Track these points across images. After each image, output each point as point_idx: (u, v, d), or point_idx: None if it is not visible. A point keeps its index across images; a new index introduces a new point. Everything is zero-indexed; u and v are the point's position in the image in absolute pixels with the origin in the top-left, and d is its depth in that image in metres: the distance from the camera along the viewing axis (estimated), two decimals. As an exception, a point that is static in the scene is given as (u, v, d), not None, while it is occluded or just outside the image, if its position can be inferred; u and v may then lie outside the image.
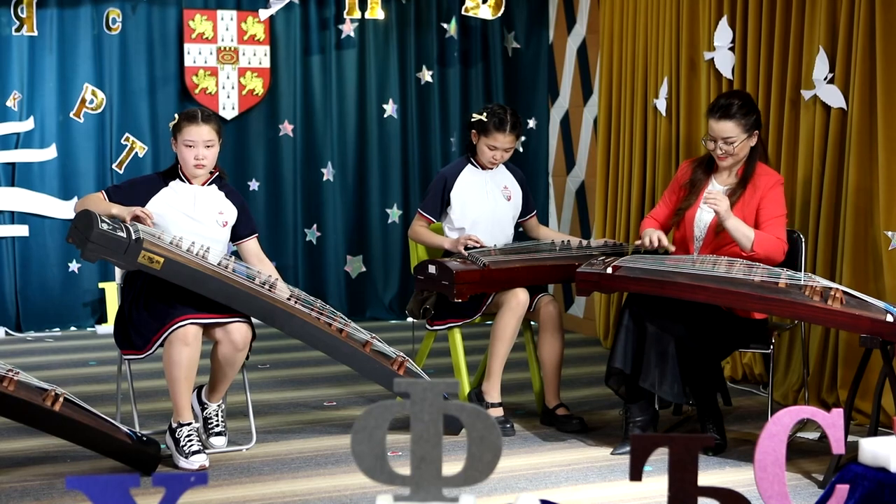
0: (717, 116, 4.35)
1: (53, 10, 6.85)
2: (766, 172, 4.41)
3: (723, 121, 4.34)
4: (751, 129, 4.36)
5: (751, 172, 4.39)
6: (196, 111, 4.32)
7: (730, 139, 4.34)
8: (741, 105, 4.36)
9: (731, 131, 4.33)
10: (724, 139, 4.34)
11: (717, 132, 4.36)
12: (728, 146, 4.34)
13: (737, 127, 4.33)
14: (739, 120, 4.33)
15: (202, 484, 1.81)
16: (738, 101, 4.37)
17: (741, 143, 4.34)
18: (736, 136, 4.33)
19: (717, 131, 4.36)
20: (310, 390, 5.45)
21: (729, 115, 4.33)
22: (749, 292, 3.91)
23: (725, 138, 4.34)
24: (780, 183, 4.41)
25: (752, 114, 4.37)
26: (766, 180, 4.36)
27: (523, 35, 7.59)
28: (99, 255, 3.97)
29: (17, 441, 4.46)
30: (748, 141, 4.37)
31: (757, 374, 5.44)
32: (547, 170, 7.49)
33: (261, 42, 7.24)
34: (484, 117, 4.78)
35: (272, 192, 7.39)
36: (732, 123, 4.33)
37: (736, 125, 4.33)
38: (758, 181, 4.37)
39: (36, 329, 6.96)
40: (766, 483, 2.24)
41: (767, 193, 4.34)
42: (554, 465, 4.20)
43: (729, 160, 4.39)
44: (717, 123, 4.35)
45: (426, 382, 1.77)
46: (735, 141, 4.33)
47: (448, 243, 4.75)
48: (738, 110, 4.33)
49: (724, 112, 4.34)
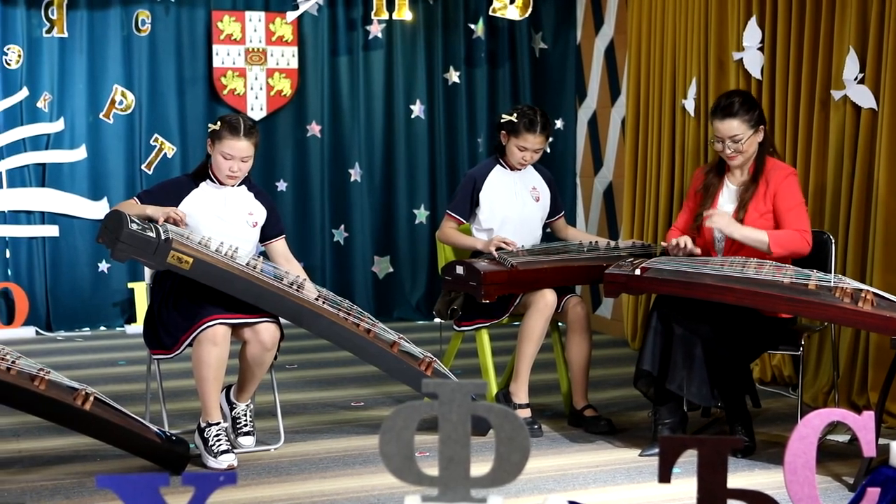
0: (721, 116, 4.35)
1: (83, 11, 6.90)
2: (776, 166, 4.39)
3: (727, 120, 4.34)
4: (755, 124, 4.35)
5: (761, 168, 4.38)
6: (239, 122, 4.29)
7: (736, 137, 4.33)
8: (742, 102, 4.36)
9: (737, 129, 4.33)
10: (731, 138, 4.34)
11: (722, 132, 4.36)
12: (736, 144, 4.34)
13: (742, 124, 4.33)
14: (743, 116, 4.32)
15: (231, 483, 1.82)
16: (738, 99, 4.37)
17: (748, 139, 4.34)
18: (742, 133, 4.33)
19: (722, 131, 4.36)
20: (337, 390, 5.46)
21: (732, 113, 4.33)
22: (778, 294, 3.88)
23: (732, 137, 4.34)
24: (792, 174, 4.39)
25: (755, 109, 4.37)
26: (777, 174, 4.35)
27: (551, 35, 7.58)
28: (129, 255, 4.00)
29: (48, 440, 4.50)
30: (755, 136, 4.36)
31: (786, 375, 5.41)
32: (574, 170, 7.48)
33: (289, 43, 7.26)
34: (514, 118, 4.77)
35: (300, 192, 7.42)
36: (737, 121, 4.32)
37: (741, 122, 4.32)
38: (769, 176, 4.35)
39: (66, 329, 7.02)
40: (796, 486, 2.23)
41: (781, 186, 4.32)
42: (582, 466, 4.19)
43: (739, 158, 4.38)
44: (721, 123, 4.35)
45: (454, 383, 1.77)
46: (742, 138, 4.33)
47: (480, 244, 4.74)
48: (739, 107, 4.33)
49: (727, 111, 4.34)
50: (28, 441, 4.50)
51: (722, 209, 4.41)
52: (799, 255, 4.24)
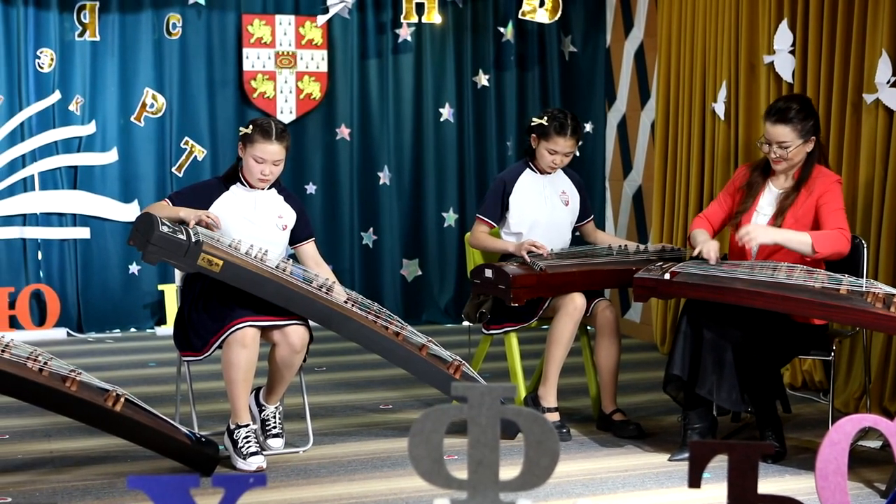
0: (774, 120, 4.30)
1: (115, 15, 6.95)
2: (823, 174, 4.33)
3: (779, 125, 4.28)
4: (807, 134, 4.29)
5: (806, 176, 4.32)
6: (271, 126, 4.31)
7: (784, 143, 4.28)
8: (799, 110, 4.29)
9: (786, 136, 4.27)
10: (779, 143, 4.29)
11: (772, 136, 4.30)
12: (782, 150, 4.29)
13: (792, 132, 4.27)
14: (796, 125, 4.26)
15: (261, 485, 1.83)
16: (796, 106, 4.30)
17: (795, 148, 4.28)
18: (791, 141, 4.27)
19: (772, 135, 4.30)
20: (366, 393, 5.47)
21: (785, 119, 4.27)
22: (809, 299, 3.86)
23: (780, 142, 4.29)
24: (837, 182, 4.33)
25: (810, 119, 4.29)
26: (823, 181, 4.29)
27: (580, 39, 7.56)
28: (159, 258, 4.02)
29: (79, 440, 4.53)
30: (804, 146, 4.30)
31: (817, 381, 5.38)
32: (604, 174, 7.46)
33: (318, 46, 7.29)
34: (544, 121, 4.76)
35: (329, 195, 7.44)
36: (788, 128, 4.27)
37: (791, 130, 4.27)
38: (814, 184, 4.30)
39: (97, 330, 7.06)
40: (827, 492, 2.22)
41: (825, 193, 4.27)
42: (611, 470, 4.18)
43: (783, 164, 4.33)
44: (772, 127, 4.30)
45: (484, 386, 1.77)
46: (789, 146, 4.27)
47: (511, 247, 4.74)
48: (795, 115, 4.27)
49: (781, 116, 4.28)
50: (59, 442, 4.54)
51: (760, 213, 4.37)
52: (840, 255, 4.19)
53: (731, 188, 4.59)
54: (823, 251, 4.14)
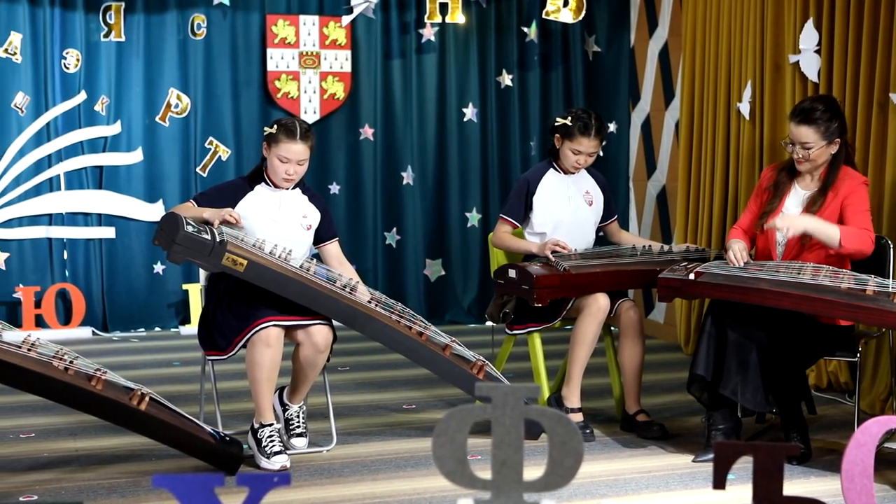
0: (798, 121, 4.25)
1: (140, 15, 6.99)
2: (849, 175, 4.29)
3: (802, 126, 4.23)
4: (831, 136, 4.23)
5: (832, 179, 4.27)
6: (295, 125, 4.32)
7: (807, 144, 4.23)
8: (824, 111, 4.23)
9: (810, 137, 4.23)
10: (802, 144, 4.25)
11: (795, 136, 4.26)
12: (805, 151, 4.25)
13: (815, 133, 4.22)
14: (819, 126, 4.21)
15: (285, 484, 1.83)
16: (821, 107, 4.25)
17: (819, 149, 4.24)
18: (814, 142, 4.23)
19: (795, 136, 4.26)
20: (389, 393, 5.48)
21: (809, 120, 4.22)
22: (835, 300, 3.83)
23: (803, 143, 4.25)
24: (864, 184, 4.30)
25: (835, 121, 4.24)
26: (849, 183, 4.25)
27: (604, 38, 7.55)
28: (184, 257, 4.03)
29: (104, 439, 4.55)
30: (828, 148, 4.25)
31: (842, 382, 5.34)
32: (627, 174, 7.44)
33: (342, 47, 7.30)
34: (568, 121, 4.75)
35: (352, 195, 7.45)
36: (812, 130, 4.22)
37: (815, 131, 4.22)
38: (840, 186, 4.25)
39: (122, 329, 7.10)
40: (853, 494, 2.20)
41: (851, 194, 4.23)
42: (634, 471, 4.17)
43: (806, 165, 4.30)
44: (796, 128, 4.26)
45: (508, 387, 1.77)
46: (812, 147, 4.23)
47: (535, 247, 4.73)
48: (819, 116, 4.22)
49: (805, 117, 4.23)
50: (85, 440, 4.56)
51: (788, 212, 4.35)
52: (863, 255, 4.17)
53: (757, 191, 4.57)
54: (849, 246, 4.11)
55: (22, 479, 4.05)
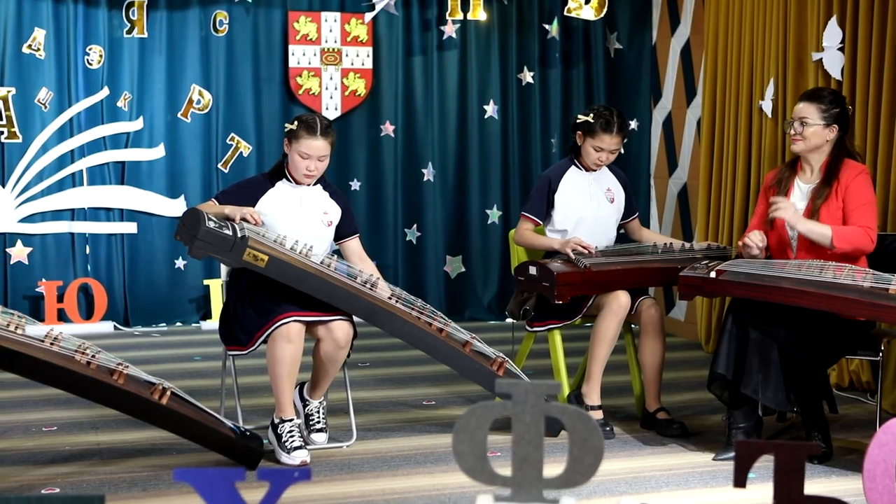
0: (803, 97, 4.41)
1: (163, 12, 7.01)
2: (848, 165, 4.32)
3: (804, 102, 4.37)
4: (830, 119, 4.32)
5: (835, 170, 4.31)
6: (315, 122, 4.34)
7: (805, 119, 4.31)
8: (831, 94, 4.40)
9: (809, 112, 4.32)
10: (801, 119, 4.32)
11: (796, 112, 4.38)
12: (801, 127, 4.30)
13: (816, 111, 4.32)
14: (821, 105, 4.32)
15: (305, 479, 1.84)
16: (828, 93, 4.41)
17: (814, 128, 4.31)
18: (811, 117, 4.31)
19: (797, 111, 4.38)
20: (409, 389, 5.49)
21: (813, 97, 4.36)
22: (857, 298, 3.82)
23: (802, 118, 4.32)
24: (864, 172, 4.31)
25: (838, 107, 4.34)
26: (849, 172, 4.28)
27: (626, 36, 7.53)
28: (206, 253, 4.05)
29: (126, 433, 4.58)
30: (824, 131, 4.32)
31: (864, 381, 5.32)
32: (648, 171, 7.42)
33: (364, 43, 7.31)
34: (590, 118, 4.75)
35: (373, 192, 7.46)
36: (813, 106, 4.33)
37: (816, 109, 4.32)
38: (841, 175, 4.29)
39: (143, 324, 7.13)
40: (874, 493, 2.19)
41: (851, 184, 4.25)
42: (654, 469, 4.16)
43: (799, 144, 4.34)
44: (800, 103, 4.39)
45: (528, 383, 1.77)
46: (809, 122, 4.31)
47: (557, 244, 4.72)
48: (824, 97, 4.36)
49: (811, 95, 4.40)
50: (106, 434, 4.59)
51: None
52: (862, 253, 4.18)
53: (763, 192, 4.58)
54: (842, 246, 4.14)
55: (44, 471, 4.08)
